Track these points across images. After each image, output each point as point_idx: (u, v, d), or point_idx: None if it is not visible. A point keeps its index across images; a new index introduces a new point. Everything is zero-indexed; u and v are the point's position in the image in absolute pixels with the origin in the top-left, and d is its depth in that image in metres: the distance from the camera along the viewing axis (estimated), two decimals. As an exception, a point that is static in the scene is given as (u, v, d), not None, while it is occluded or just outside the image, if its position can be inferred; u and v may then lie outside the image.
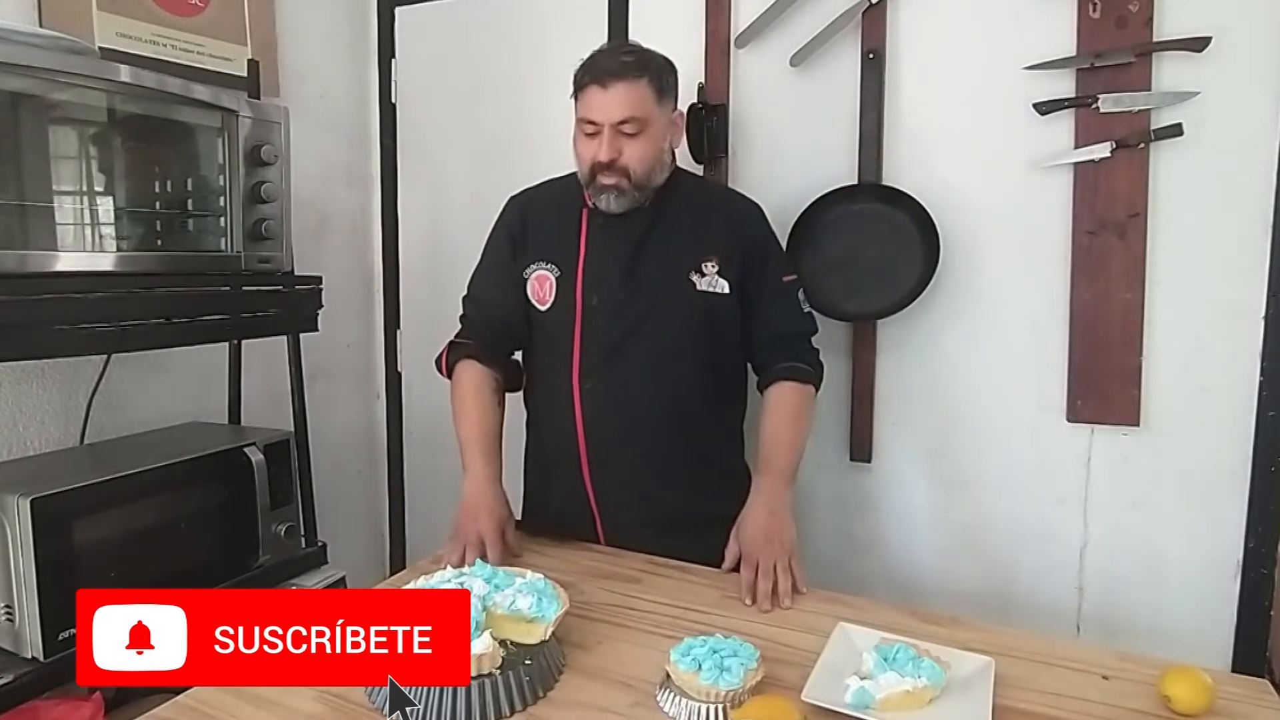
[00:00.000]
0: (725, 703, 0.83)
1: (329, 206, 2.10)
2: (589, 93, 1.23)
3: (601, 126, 1.22)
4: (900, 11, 1.57)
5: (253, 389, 1.74)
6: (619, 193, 1.25)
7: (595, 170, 1.24)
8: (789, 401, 1.31)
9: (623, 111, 1.21)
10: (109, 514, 1.24)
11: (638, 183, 1.25)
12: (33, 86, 1.15)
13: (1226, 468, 1.43)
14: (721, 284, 1.29)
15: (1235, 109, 1.37)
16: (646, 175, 1.26)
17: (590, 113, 1.23)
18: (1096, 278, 1.46)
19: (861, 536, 1.71)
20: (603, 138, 1.22)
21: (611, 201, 1.26)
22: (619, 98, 1.21)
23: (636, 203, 1.27)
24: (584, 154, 1.26)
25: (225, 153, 1.40)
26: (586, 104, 1.24)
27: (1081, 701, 0.88)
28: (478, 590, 0.91)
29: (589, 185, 1.27)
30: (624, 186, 1.24)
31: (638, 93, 1.22)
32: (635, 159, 1.23)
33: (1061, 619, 1.56)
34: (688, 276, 1.28)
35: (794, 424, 1.30)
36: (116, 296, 1.23)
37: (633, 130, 1.22)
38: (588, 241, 1.31)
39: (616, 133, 1.22)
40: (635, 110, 1.21)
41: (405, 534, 2.31)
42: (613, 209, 1.26)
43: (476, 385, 1.34)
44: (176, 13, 1.68)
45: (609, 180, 1.24)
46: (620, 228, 1.29)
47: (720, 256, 1.29)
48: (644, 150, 1.24)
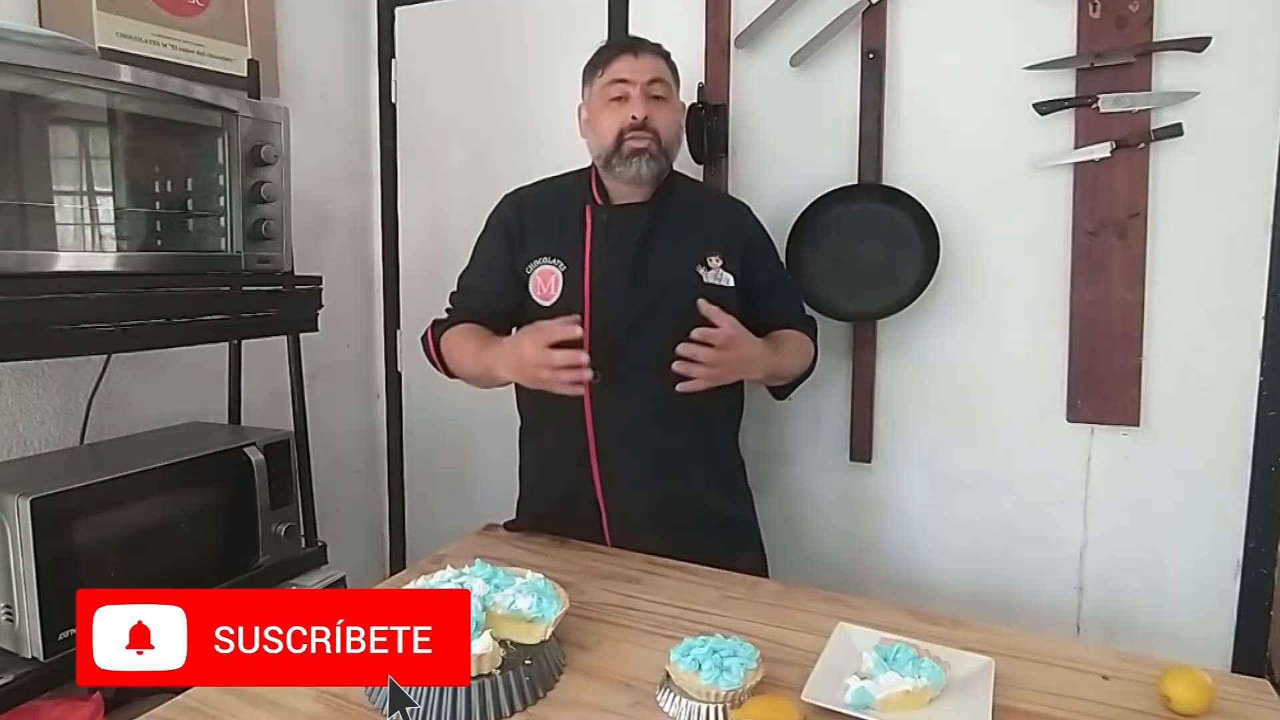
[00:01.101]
0: (725, 703, 0.83)
1: (329, 206, 2.10)
2: (619, 59, 1.29)
3: (633, 85, 1.27)
4: (900, 11, 1.57)
5: (253, 389, 1.74)
6: (650, 156, 1.27)
7: (624, 135, 1.26)
8: (798, 337, 1.37)
9: (654, 73, 1.28)
10: (109, 514, 1.24)
11: (664, 148, 1.29)
12: (33, 86, 1.15)
13: (1226, 468, 1.43)
14: (727, 278, 1.31)
15: (1235, 109, 1.37)
16: (671, 143, 1.30)
17: (621, 74, 1.28)
18: (1096, 278, 1.46)
19: (861, 536, 1.71)
20: (634, 99, 1.27)
21: (643, 166, 1.27)
22: (649, 63, 1.29)
23: (661, 172, 1.30)
24: (609, 123, 1.28)
25: (225, 153, 1.40)
26: (617, 68, 1.28)
27: (1081, 701, 0.88)
28: (478, 590, 0.91)
29: (614, 155, 1.28)
30: (654, 150, 1.27)
31: (663, 65, 1.31)
32: (664, 123, 1.28)
33: (1061, 619, 1.56)
34: (694, 269, 1.30)
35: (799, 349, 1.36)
36: (116, 296, 1.23)
37: (661, 93, 1.29)
38: (593, 236, 1.31)
39: (648, 95, 1.27)
40: (663, 75, 1.29)
41: (405, 534, 2.31)
42: (643, 173, 1.27)
43: (466, 327, 1.34)
44: (176, 13, 1.68)
45: (640, 143, 1.26)
46: (625, 222, 1.30)
47: (724, 252, 1.31)
48: (670, 118, 1.30)
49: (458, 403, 2.07)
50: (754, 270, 1.34)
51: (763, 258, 1.38)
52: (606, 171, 1.31)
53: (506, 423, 1.40)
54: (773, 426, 1.73)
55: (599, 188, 1.33)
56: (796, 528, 1.73)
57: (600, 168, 1.32)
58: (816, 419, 1.71)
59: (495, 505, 1.49)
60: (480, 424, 2.07)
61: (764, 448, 1.72)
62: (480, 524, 1.42)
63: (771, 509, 1.55)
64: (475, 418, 2.07)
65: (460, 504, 2.14)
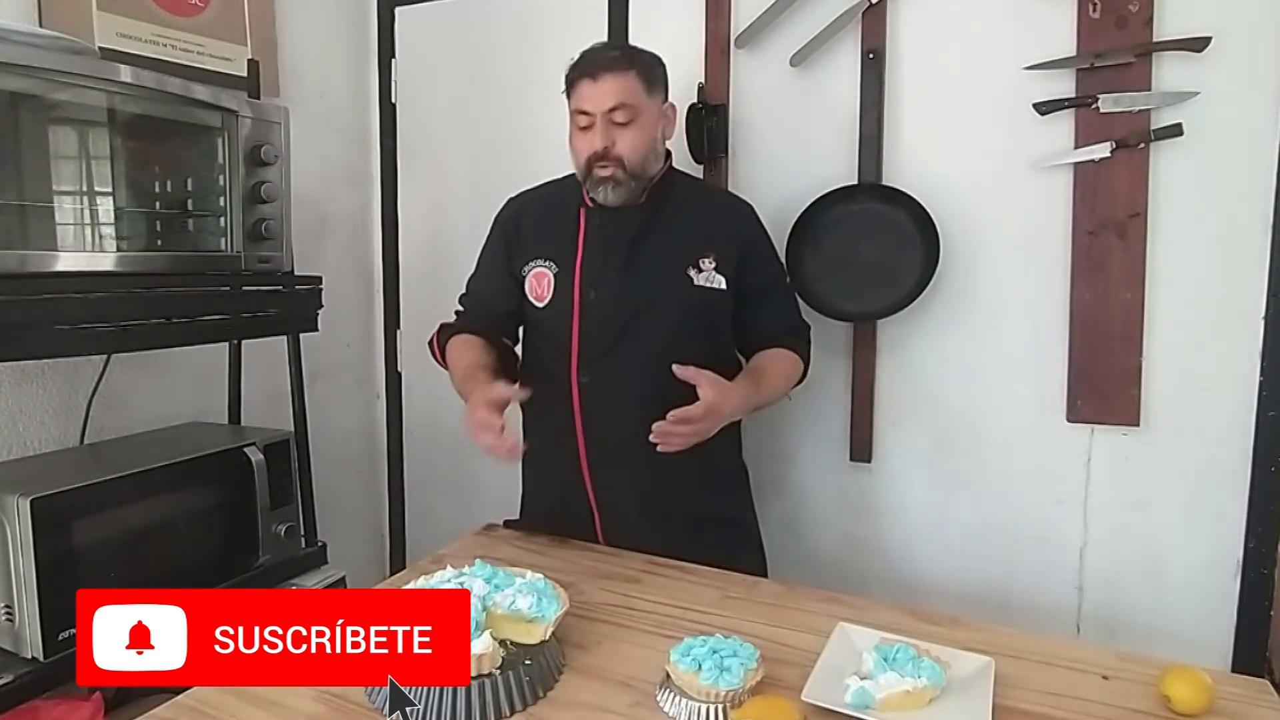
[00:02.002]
0: (725, 703, 0.83)
1: (329, 206, 2.10)
2: (580, 86, 1.26)
3: (594, 116, 1.25)
4: (900, 11, 1.57)
5: (253, 389, 1.74)
6: (615, 183, 1.26)
7: (590, 162, 1.27)
8: (786, 356, 1.35)
9: (613, 99, 1.24)
10: (109, 514, 1.24)
11: (632, 172, 1.27)
12: (33, 86, 1.15)
13: (1226, 468, 1.43)
14: (719, 280, 1.30)
15: (1235, 109, 1.37)
16: (640, 164, 1.28)
17: (582, 103, 1.26)
18: (1096, 278, 1.46)
19: (861, 536, 1.71)
20: (596, 128, 1.25)
21: (609, 193, 1.27)
22: (608, 87, 1.25)
23: (633, 193, 1.29)
24: (580, 148, 1.28)
25: (225, 153, 1.40)
26: (579, 97, 1.27)
27: (1081, 701, 0.88)
28: (478, 590, 0.91)
29: (585, 179, 1.29)
30: (619, 177, 1.26)
31: (626, 83, 1.26)
32: (628, 148, 1.26)
33: (1061, 619, 1.55)
34: (685, 272, 1.29)
35: (785, 371, 1.34)
36: (116, 296, 1.23)
37: (624, 119, 1.25)
38: (585, 238, 1.32)
39: (609, 122, 1.25)
40: (625, 98, 1.25)
41: (405, 534, 2.31)
42: (610, 200, 1.28)
43: (465, 340, 1.36)
44: (176, 13, 1.68)
45: (604, 171, 1.26)
46: (618, 224, 1.30)
47: (718, 253, 1.31)
48: (636, 139, 1.27)
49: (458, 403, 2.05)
50: (749, 271, 1.33)
51: (760, 259, 1.37)
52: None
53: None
54: (773, 426, 1.73)
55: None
56: (796, 528, 1.73)
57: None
58: (816, 419, 1.71)
59: (495, 505, 1.49)
60: (480, 424, 2.06)
61: (764, 448, 1.72)
62: (480, 524, 1.42)
63: (771, 509, 1.55)
64: (475, 418, 2.06)
65: (460, 504, 2.14)
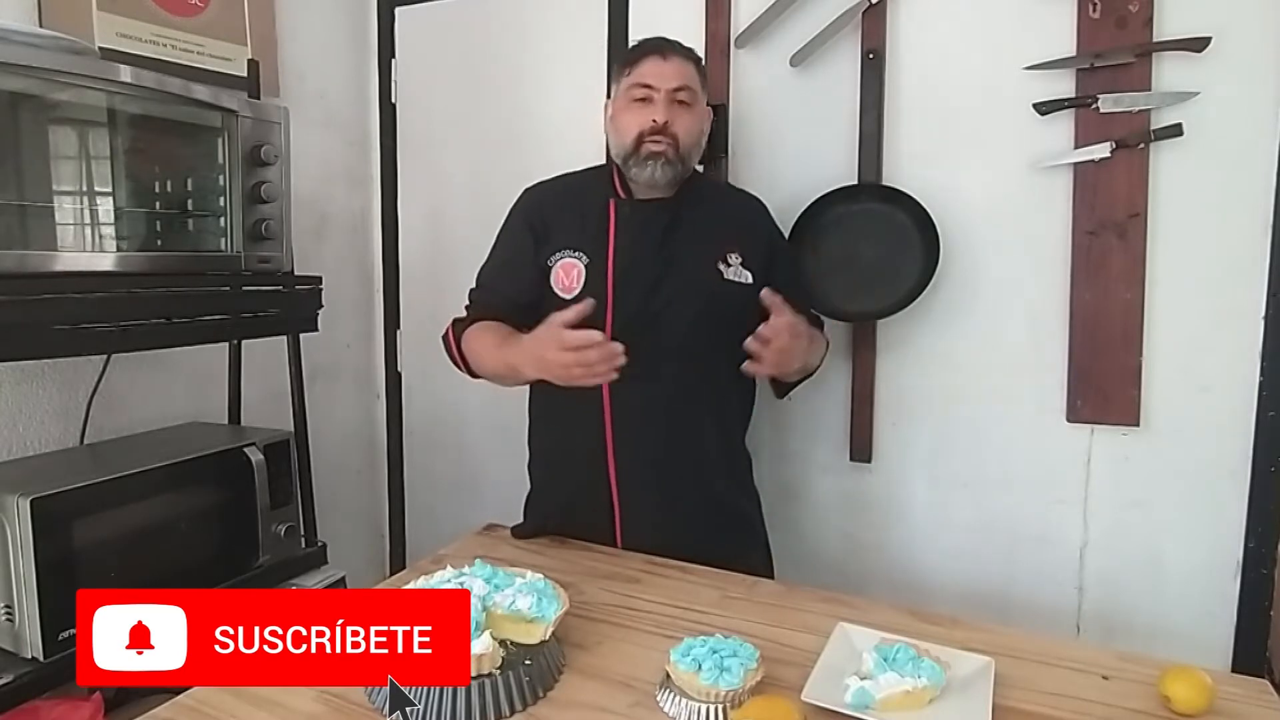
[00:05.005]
0: (725, 703, 0.83)
1: (329, 206, 2.10)
2: (646, 63, 1.28)
3: (657, 91, 1.26)
4: (900, 11, 1.57)
5: (253, 389, 1.74)
6: (665, 161, 1.27)
7: (643, 138, 1.26)
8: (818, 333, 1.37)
9: (680, 79, 1.28)
10: (109, 514, 1.24)
11: (682, 154, 1.28)
12: (33, 86, 1.15)
13: (1226, 468, 1.43)
14: (746, 275, 1.31)
15: (1235, 109, 1.37)
16: (690, 149, 1.30)
17: (646, 78, 1.28)
18: (1096, 278, 1.46)
19: (861, 536, 1.71)
20: (657, 103, 1.26)
21: (657, 170, 1.27)
22: (677, 68, 1.28)
23: (677, 176, 1.29)
24: (630, 124, 1.28)
25: (225, 153, 1.40)
26: (642, 72, 1.28)
27: (1081, 701, 0.88)
28: (478, 590, 0.91)
29: (631, 156, 1.28)
30: (670, 155, 1.27)
31: (691, 70, 1.31)
32: (684, 129, 1.28)
33: (1061, 619, 1.55)
34: (715, 265, 1.30)
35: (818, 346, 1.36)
36: (116, 296, 1.23)
37: (686, 99, 1.28)
38: (616, 229, 1.31)
39: (672, 100, 1.27)
40: (690, 82, 1.29)
41: (405, 534, 2.31)
42: (656, 178, 1.27)
43: (484, 324, 1.31)
44: (176, 13, 1.68)
45: (657, 146, 1.26)
46: (648, 217, 1.30)
47: (743, 249, 1.32)
48: (692, 124, 1.29)
49: (458, 403, 2.08)
50: (774, 269, 1.34)
51: (783, 255, 1.40)
52: (625, 170, 1.31)
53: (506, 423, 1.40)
54: (773, 426, 1.73)
55: (622, 183, 1.33)
56: (797, 528, 1.73)
57: (619, 166, 1.32)
58: (816, 419, 1.71)
59: (495, 505, 1.49)
60: (480, 424, 2.07)
61: (764, 447, 1.71)
62: (480, 524, 1.42)
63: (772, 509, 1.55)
64: (475, 418, 2.07)
65: (460, 504, 2.14)
